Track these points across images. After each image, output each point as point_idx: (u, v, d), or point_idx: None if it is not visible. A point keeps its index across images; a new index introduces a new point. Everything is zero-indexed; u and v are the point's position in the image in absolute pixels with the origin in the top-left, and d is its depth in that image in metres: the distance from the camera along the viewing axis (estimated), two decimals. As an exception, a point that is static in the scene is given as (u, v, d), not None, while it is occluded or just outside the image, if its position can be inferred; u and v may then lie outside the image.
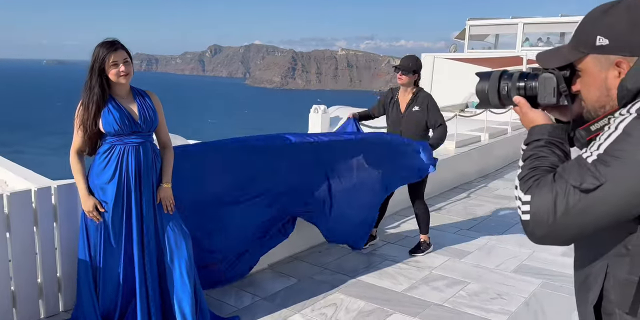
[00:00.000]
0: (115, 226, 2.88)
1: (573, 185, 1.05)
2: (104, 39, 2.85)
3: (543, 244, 1.13)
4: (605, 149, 1.05)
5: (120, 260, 2.91)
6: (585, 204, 1.04)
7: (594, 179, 1.03)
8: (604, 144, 1.06)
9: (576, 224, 1.06)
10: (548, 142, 1.24)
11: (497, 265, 4.28)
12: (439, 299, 3.63)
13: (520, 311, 3.46)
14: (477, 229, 5.26)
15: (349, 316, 3.34)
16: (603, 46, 1.17)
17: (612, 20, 1.15)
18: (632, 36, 1.13)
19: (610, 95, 1.19)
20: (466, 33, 22.49)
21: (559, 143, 1.24)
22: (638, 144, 1.02)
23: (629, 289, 1.10)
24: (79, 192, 2.91)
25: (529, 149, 1.25)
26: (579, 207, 1.05)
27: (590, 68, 1.21)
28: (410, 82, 4.28)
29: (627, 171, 1.01)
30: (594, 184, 1.03)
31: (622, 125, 1.05)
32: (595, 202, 1.03)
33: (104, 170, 2.84)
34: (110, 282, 2.93)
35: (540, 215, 1.08)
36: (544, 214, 1.08)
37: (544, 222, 1.08)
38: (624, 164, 1.02)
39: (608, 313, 1.17)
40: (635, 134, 1.03)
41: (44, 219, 3.11)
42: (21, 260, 3.04)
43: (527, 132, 1.32)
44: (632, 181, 1.01)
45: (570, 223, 1.06)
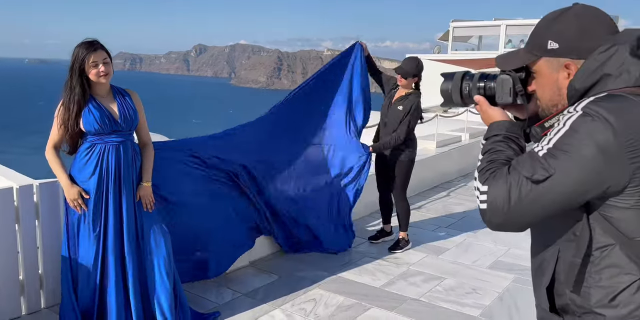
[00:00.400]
0: (95, 224, 2.91)
1: (525, 176, 1.15)
2: (84, 39, 2.89)
3: (500, 231, 1.24)
4: (554, 143, 1.15)
5: (98, 258, 2.92)
6: (536, 193, 1.14)
7: (544, 170, 1.13)
8: (554, 139, 1.16)
9: (529, 212, 1.16)
10: (505, 137, 1.33)
11: (474, 261, 4.39)
12: (416, 293, 3.73)
13: (494, 305, 3.58)
14: (455, 227, 5.38)
15: (328, 311, 3.42)
16: (554, 50, 1.27)
17: (562, 26, 1.26)
18: (579, 41, 1.24)
19: (561, 94, 1.30)
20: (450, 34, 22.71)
21: (515, 138, 1.34)
22: (583, 139, 1.11)
23: (573, 270, 1.21)
24: (61, 182, 2.92)
25: (487, 143, 1.34)
26: (531, 196, 1.15)
27: (543, 70, 1.32)
28: (408, 85, 4.40)
29: (573, 163, 1.11)
30: (544, 175, 1.13)
31: (569, 122, 1.15)
32: (545, 192, 1.14)
33: (84, 166, 2.88)
34: (88, 279, 2.95)
35: (496, 204, 1.18)
36: (499, 203, 1.17)
37: (499, 210, 1.18)
38: (571, 157, 1.12)
39: (559, 294, 1.28)
40: (580, 130, 1.12)
41: (26, 216, 3.14)
42: (3, 257, 3.07)
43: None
44: (577, 172, 1.11)
45: (524, 211, 1.16)
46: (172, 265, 3.06)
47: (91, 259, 2.90)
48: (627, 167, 1.10)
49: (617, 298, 1.18)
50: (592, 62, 1.21)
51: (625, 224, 1.16)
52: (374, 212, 5.65)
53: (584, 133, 1.11)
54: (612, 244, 1.18)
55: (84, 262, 2.92)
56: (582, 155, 1.11)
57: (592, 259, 1.20)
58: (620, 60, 1.18)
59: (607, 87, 1.19)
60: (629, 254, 1.17)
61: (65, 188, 2.89)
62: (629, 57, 1.18)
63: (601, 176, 1.11)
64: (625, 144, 1.09)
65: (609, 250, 1.18)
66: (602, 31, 1.24)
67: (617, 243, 1.18)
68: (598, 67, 1.20)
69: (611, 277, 1.19)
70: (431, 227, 5.37)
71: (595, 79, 1.21)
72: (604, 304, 1.20)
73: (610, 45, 1.20)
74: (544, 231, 1.33)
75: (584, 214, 1.19)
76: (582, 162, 1.11)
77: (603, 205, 1.17)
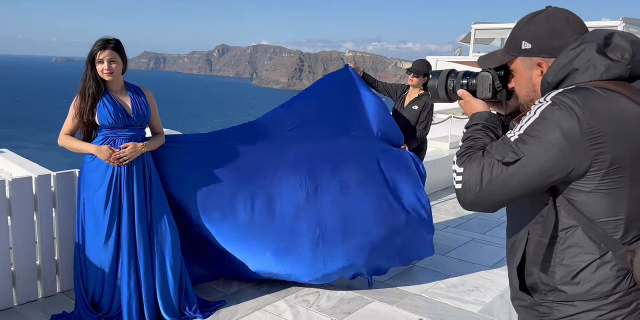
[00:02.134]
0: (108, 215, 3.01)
1: (497, 159, 1.26)
2: (103, 37, 3.05)
3: (472, 210, 1.34)
4: (524, 129, 1.26)
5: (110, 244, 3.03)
6: (506, 175, 1.25)
7: (514, 154, 1.24)
8: (524, 125, 1.26)
9: (499, 191, 1.27)
10: (484, 126, 1.45)
11: (479, 260, 4.44)
12: (418, 289, 3.80)
13: (494, 302, 3.62)
14: (464, 227, 5.42)
15: (330, 303, 3.52)
16: (527, 49, 1.39)
17: (534, 27, 1.37)
18: (550, 41, 1.35)
19: (536, 90, 1.41)
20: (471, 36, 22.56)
21: (492, 127, 1.45)
22: (550, 126, 1.21)
23: (540, 250, 1.31)
24: (89, 149, 3.00)
25: (468, 131, 1.46)
26: (501, 177, 1.25)
27: (519, 68, 1.43)
28: (419, 84, 4.58)
29: (541, 148, 1.22)
30: (514, 158, 1.24)
31: (539, 111, 1.25)
32: (514, 173, 1.24)
33: (97, 157, 3.02)
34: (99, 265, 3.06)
35: (469, 184, 1.29)
36: (472, 183, 1.29)
37: (472, 189, 1.29)
38: (539, 142, 1.22)
39: (529, 274, 1.38)
40: (548, 117, 1.22)
41: (44, 205, 3.30)
42: (22, 243, 3.24)
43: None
44: (544, 156, 1.22)
45: (494, 191, 1.27)
46: (178, 255, 3.19)
47: (102, 245, 3.02)
48: (589, 152, 1.20)
49: (578, 276, 1.28)
50: (563, 58, 1.31)
51: (587, 206, 1.25)
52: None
53: (551, 120, 1.21)
54: (575, 225, 1.27)
55: (96, 248, 3.04)
56: (548, 141, 1.21)
57: (557, 239, 1.30)
58: (587, 56, 1.28)
59: (576, 81, 1.29)
60: (590, 235, 1.26)
61: (96, 152, 2.98)
62: (595, 54, 1.27)
63: (566, 160, 1.20)
64: (588, 131, 1.19)
65: (572, 231, 1.28)
66: (571, 32, 1.34)
67: (579, 225, 1.27)
68: (568, 63, 1.30)
69: (573, 257, 1.28)
70: (440, 226, 5.42)
71: (565, 73, 1.31)
72: (567, 281, 1.29)
73: (579, 43, 1.30)
74: (516, 214, 1.44)
75: (550, 198, 1.29)
76: (549, 146, 1.21)
77: (567, 189, 1.26)
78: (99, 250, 3.03)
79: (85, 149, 3.04)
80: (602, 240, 1.26)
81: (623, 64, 1.25)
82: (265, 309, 3.41)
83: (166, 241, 3.15)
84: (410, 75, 4.60)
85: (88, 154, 3.05)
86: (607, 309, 1.26)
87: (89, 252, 3.06)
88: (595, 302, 1.27)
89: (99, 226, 3.01)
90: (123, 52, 3.07)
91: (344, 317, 3.33)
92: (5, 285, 3.21)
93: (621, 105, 1.22)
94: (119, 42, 3.05)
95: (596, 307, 1.27)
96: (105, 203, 2.99)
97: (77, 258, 3.11)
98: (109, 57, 2.98)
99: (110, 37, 3.04)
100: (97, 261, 3.06)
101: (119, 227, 3.03)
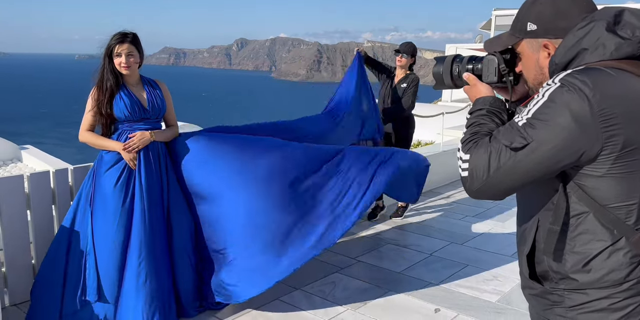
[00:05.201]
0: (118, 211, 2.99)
1: (505, 144, 1.21)
2: (122, 30, 3.05)
3: (479, 198, 1.30)
4: (532, 113, 1.21)
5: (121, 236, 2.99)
6: (515, 161, 1.20)
7: (522, 139, 1.19)
8: (532, 109, 1.22)
9: (507, 179, 1.22)
10: (489, 111, 1.40)
11: (498, 249, 4.38)
12: (435, 279, 3.76)
13: (513, 291, 3.57)
14: (482, 216, 5.35)
15: (346, 293, 3.51)
16: (533, 31, 1.34)
17: (540, 8, 1.33)
18: (556, 22, 1.30)
19: (544, 73, 1.36)
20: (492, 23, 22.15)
21: (497, 112, 1.40)
22: (559, 109, 1.17)
23: (552, 237, 1.27)
24: (115, 147, 3.00)
25: (472, 117, 1.41)
26: (510, 163, 1.21)
27: (525, 51, 1.39)
28: (407, 64, 4.95)
29: (550, 132, 1.17)
30: (522, 143, 1.19)
31: (547, 93, 1.20)
32: (523, 159, 1.19)
33: (112, 151, 3.04)
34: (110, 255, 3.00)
35: (477, 171, 1.25)
36: (479, 170, 1.24)
37: (479, 177, 1.24)
38: (547, 126, 1.17)
39: (539, 262, 1.34)
40: (557, 100, 1.18)
41: (62, 198, 3.35)
42: (41, 236, 3.30)
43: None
44: (553, 140, 1.17)
45: (502, 178, 1.22)
46: (195, 249, 3.20)
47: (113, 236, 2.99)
48: (600, 135, 1.15)
49: (590, 263, 1.23)
50: (571, 38, 1.26)
51: (598, 191, 1.21)
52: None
53: (560, 103, 1.17)
54: (587, 211, 1.23)
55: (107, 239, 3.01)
56: (558, 124, 1.16)
57: (568, 226, 1.26)
58: (596, 35, 1.23)
59: (585, 61, 1.24)
60: (602, 221, 1.22)
61: (121, 151, 3.00)
62: (605, 32, 1.22)
63: (576, 143, 1.16)
64: (599, 113, 1.14)
65: (584, 218, 1.24)
66: (578, 11, 1.29)
67: (590, 210, 1.23)
68: (576, 42, 1.25)
69: (585, 244, 1.24)
70: (458, 215, 5.37)
71: (573, 54, 1.26)
72: (578, 269, 1.25)
73: (588, 22, 1.25)
74: (525, 202, 1.40)
75: (561, 184, 1.25)
76: (558, 130, 1.16)
77: (578, 174, 1.22)
78: (108, 244, 3.01)
79: (109, 146, 3.03)
80: (614, 227, 1.21)
81: (634, 41, 1.20)
82: (281, 299, 3.42)
83: (185, 233, 3.16)
84: (399, 56, 4.93)
85: (113, 151, 3.04)
86: (620, 297, 1.22)
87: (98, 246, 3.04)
88: (607, 289, 1.23)
89: (108, 219, 2.99)
90: (140, 46, 3.08)
91: (359, 307, 3.33)
92: (27, 278, 3.27)
93: (633, 85, 1.18)
94: (136, 35, 3.06)
95: (609, 295, 1.23)
96: (116, 196, 2.99)
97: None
98: (126, 51, 2.99)
99: (127, 31, 3.05)
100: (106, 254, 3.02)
101: (131, 221, 3.02)
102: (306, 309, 3.30)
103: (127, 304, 2.96)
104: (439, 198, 6.07)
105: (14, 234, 3.17)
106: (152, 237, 3.02)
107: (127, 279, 2.98)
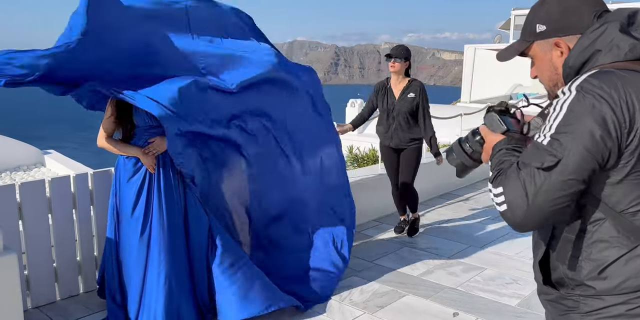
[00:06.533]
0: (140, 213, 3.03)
1: (536, 167, 1.16)
2: None
3: (528, 230, 1.22)
4: (555, 128, 1.17)
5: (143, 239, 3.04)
6: (551, 180, 1.15)
7: (552, 156, 1.15)
8: (554, 124, 1.18)
9: (550, 200, 1.16)
10: (508, 149, 1.34)
11: (517, 253, 4.32)
12: (454, 283, 3.72)
13: (533, 295, 3.51)
14: (500, 219, 5.23)
15: (363, 297, 3.49)
16: (542, 32, 1.33)
17: (547, 8, 1.33)
18: (563, 20, 1.30)
19: (558, 73, 1.35)
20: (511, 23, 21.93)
21: (517, 148, 1.35)
22: (581, 117, 1.14)
23: (566, 245, 1.25)
24: (135, 153, 3.02)
25: (494, 159, 1.34)
26: (547, 184, 1.15)
27: (537, 53, 1.37)
28: (402, 70, 4.41)
29: (578, 142, 1.14)
30: (554, 161, 1.14)
31: (565, 105, 1.18)
32: (559, 176, 1.15)
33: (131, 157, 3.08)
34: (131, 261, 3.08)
35: (515, 202, 1.18)
36: (518, 200, 1.17)
37: (520, 207, 1.17)
38: (574, 137, 1.14)
39: (554, 268, 1.32)
40: (576, 109, 1.15)
41: (82, 202, 3.41)
42: (62, 240, 3.35)
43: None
44: (583, 149, 1.14)
45: (544, 201, 1.16)
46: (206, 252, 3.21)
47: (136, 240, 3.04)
48: (622, 138, 1.14)
49: (606, 271, 1.21)
50: (585, 40, 1.25)
51: (615, 198, 1.18)
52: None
53: (581, 111, 1.14)
54: (603, 218, 1.21)
55: (128, 243, 3.08)
56: (583, 131, 1.13)
57: (585, 233, 1.23)
58: (610, 36, 1.22)
59: (599, 62, 1.22)
60: (618, 228, 1.19)
61: (141, 157, 3.03)
62: (619, 33, 1.21)
63: (605, 147, 1.13)
64: (619, 113, 1.13)
65: (600, 225, 1.21)
66: (588, 7, 1.28)
67: (607, 217, 1.20)
68: (590, 45, 1.24)
69: (601, 251, 1.22)
70: (477, 218, 5.31)
71: (587, 55, 1.24)
72: (594, 276, 1.22)
73: (601, 23, 1.24)
74: None
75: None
76: (586, 137, 1.13)
77: (594, 181, 1.19)
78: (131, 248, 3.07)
79: (130, 152, 3.04)
80: (631, 233, 1.18)
81: None
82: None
83: (202, 234, 3.18)
84: (391, 62, 4.39)
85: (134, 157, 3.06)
86: (637, 303, 1.19)
87: (122, 250, 3.11)
88: (624, 295, 1.20)
89: (131, 224, 3.05)
90: None
91: (376, 311, 3.31)
92: (49, 281, 3.34)
93: None
94: None
95: (626, 300, 1.20)
96: (136, 199, 3.04)
97: (110, 252, 3.17)
98: None
99: None
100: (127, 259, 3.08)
101: (150, 225, 3.05)
102: (323, 313, 3.29)
103: (149, 305, 3.02)
104: (457, 200, 6.02)
105: (36, 237, 3.23)
106: (171, 241, 3.06)
107: (149, 282, 3.04)
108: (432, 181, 6.08)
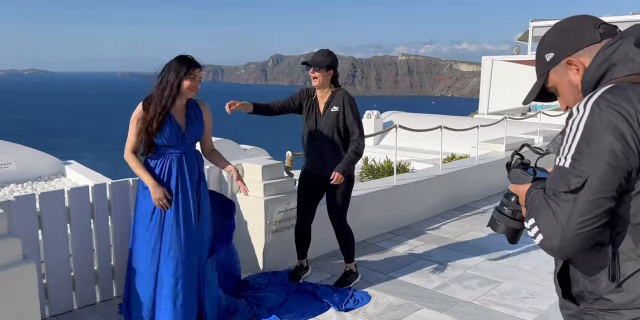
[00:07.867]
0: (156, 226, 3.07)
1: (563, 191, 1.16)
2: (184, 55, 3.08)
3: (568, 255, 1.21)
4: (575, 149, 1.17)
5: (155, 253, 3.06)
6: (581, 201, 1.14)
7: (578, 177, 1.14)
8: (573, 145, 1.18)
9: (581, 224, 1.14)
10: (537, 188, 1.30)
11: (534, 266, 4.25)
12: (469, 296, 3.68)
13: (551, 310, 3.46)
14: (519, 232, 5.21)
15: (377, 310, 3.47)
16: (552, 59, 1.38)
17: (547, 37, 1.40)
18: (565, 39, 1.36)
19: (580, 91, 1.35)
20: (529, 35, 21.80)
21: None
22: (599, 134, 1.14)
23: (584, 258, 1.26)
24: (148, 183, 3.03)
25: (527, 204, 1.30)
26: (578, 206, 1.14)
27: (556, 80, 1.40)
28: (325, 82, 3.61)
29: (600, 159, 1.13)
30: (580, 182, 1.14)
31: (582, 123, 1.18)
32: (588, 196, 1.14)
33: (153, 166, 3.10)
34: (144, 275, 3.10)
35: (549, 230, 1.18)
36: (551, 228, 1.17)
37: (556, 233, 1.16)
38: (595, 154, 1.14)
39: (575, 282, 1.33)
40: (593, 126, 1.16)
41: (100, 213, 3.46)
42: (80, 250, 3.40)
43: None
44: (607, 166, 1.13)
45: (576, 225, 1.14)
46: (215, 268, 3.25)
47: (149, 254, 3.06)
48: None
49: (624, 284, 1.20)
50: (601, 56, 1.28)
51: (631, 210, 1.18)
52: (434, 215, 5.61)
53: (598, 128, 1.15)
54: (620, 231, 1.20)
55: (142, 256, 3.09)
56: (603, 147, 1.13)
57: (603, 246, 1.22)
58: (625, 50, 1.24)
59: (614, 75, 1.24)
60: (635, 240, 1.19)
61: (152, 188, 3.02)
62: (634, 47, 1.23)
63: (627, 160, 1.13)
64: (636, 126, 1.13)
65: (617, 238, 1.21)
66: (583, 23, 1.34)
67: (623, 230, 1.20)
68: (605, 59, 1.26)
69: (619, 264, 1.21)
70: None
71: (603, 70, 1.26)
72: (612, 289, 1.22)
73: (616, 39, 1.27)
74: None
75: None
76: (607, 153, 1.13)
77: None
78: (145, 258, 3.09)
79: (144, 180, 3.05)
80: None
81: None
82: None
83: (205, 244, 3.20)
84: (310, 71, 3.58)
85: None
86: None
87: (136, 260, 3.13)
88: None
89: (147, 234, 3.08)
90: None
91: (391, 324, 3.28)
92: (66, 290, 3.38)
93: None
94: None
95: None
96: (153, 209, 3.07)
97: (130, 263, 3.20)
98: (199, 76, 3.07)
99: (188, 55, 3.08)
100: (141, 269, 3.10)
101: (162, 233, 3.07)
102: (337, 325, 3.28)
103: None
104: (473, 213, 5.97)
105: (54, 246, 3.28)
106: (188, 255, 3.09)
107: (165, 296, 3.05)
108: (447, 193, 6.05)
